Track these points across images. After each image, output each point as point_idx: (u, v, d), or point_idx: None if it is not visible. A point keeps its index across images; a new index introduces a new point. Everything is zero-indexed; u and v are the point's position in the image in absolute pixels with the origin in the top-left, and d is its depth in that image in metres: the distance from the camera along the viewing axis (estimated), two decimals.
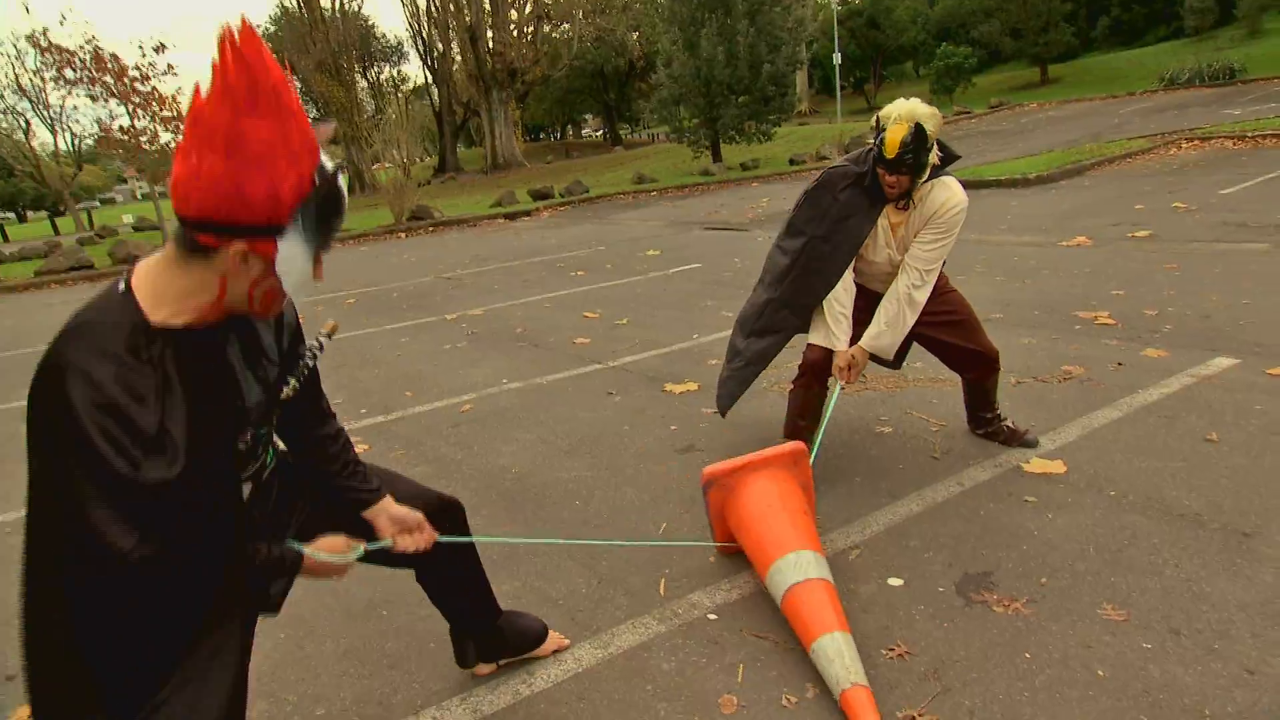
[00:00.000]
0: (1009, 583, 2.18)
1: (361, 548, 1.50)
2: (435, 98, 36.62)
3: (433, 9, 31.50)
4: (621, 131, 45.50)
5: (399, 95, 39.50)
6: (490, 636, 1.93)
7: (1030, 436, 3.04)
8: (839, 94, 27.64)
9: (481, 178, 29.89)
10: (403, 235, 15.40)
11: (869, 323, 2.76)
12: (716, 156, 18.76)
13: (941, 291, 2.84)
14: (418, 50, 33.72)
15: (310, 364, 1.47)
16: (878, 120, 2.53)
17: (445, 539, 1.68)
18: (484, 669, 1.98)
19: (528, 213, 16.65)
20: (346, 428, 3.95)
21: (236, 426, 1.29)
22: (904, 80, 45.79)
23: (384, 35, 38.32)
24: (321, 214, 1.14)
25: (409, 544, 1.59)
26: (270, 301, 1.21)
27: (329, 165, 1.15)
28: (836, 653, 1.77)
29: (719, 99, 16.73)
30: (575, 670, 1.99)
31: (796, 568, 1.98)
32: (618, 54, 32.20)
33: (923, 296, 2.69)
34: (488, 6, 29.03)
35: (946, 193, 2.63)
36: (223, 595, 1.30)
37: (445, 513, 1.72)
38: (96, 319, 1.13)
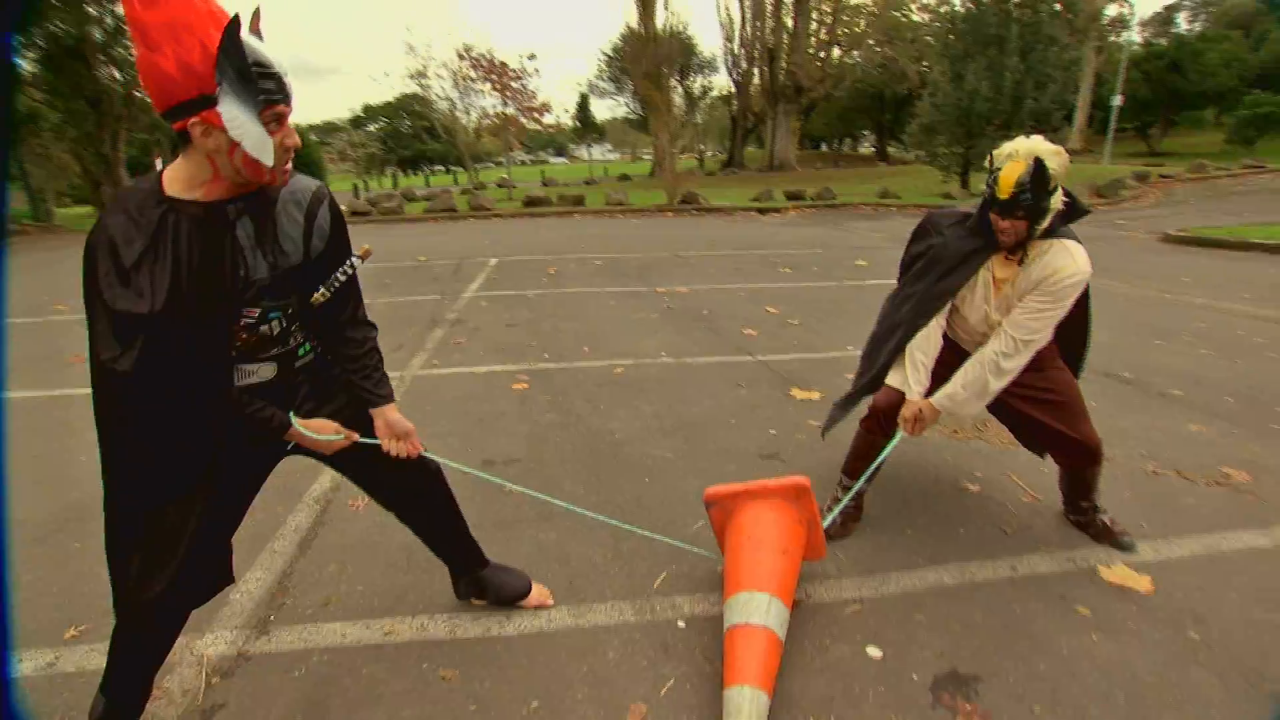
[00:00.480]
0: (994, 698, 1.63)
1: (354, 437, 1.49)
2: (734, 105, 36.32)
3: (745, 33, 30.98)
4: (891, 150, 41.76)
5: (705, 102, 39.87)
6: (473, 582, 1.87)
7: (1126, 538, 2.25)
8: (1110, 135, 22.47)
9: (756, 175, 29.29)
10: (670, 214, 15.67)
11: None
12: (965, 183, 16.43)
13: (1043, 366, 2.16)
14: (726, 66, 33.50)
15: (342, 279, 1.42)
16: (992, 159, 1.94)
17: (429, 455, 1.64)
18: (477, 601, 1.94)
19: (777, 210, 16.01)
20: (527, 368, 3.99)
21: (235, 293, 1.26)
22: (1198, 127, 36.09)
23: (701, 52, 38.51)
24: (240, 71, 1.09)
25: (398, 449, 1.54)
26: (253, 167, 1.17)
27: (238, 29, 1.08)
28: (738, 708, 1.44)
29: (976, 130, 14.50)
30: (541, 629, 1.86)
31: (745, 608, 1.64)
32: (898, 81, 29.26)
33: (1013, 366, 2.06)
34: (787, 35, 27.84)
35: (1065, 258, 1.95)
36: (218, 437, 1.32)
37: (425, 463, 1.65)
38: (129, 188, 1.20)
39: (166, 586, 1.32)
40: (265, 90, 1.12)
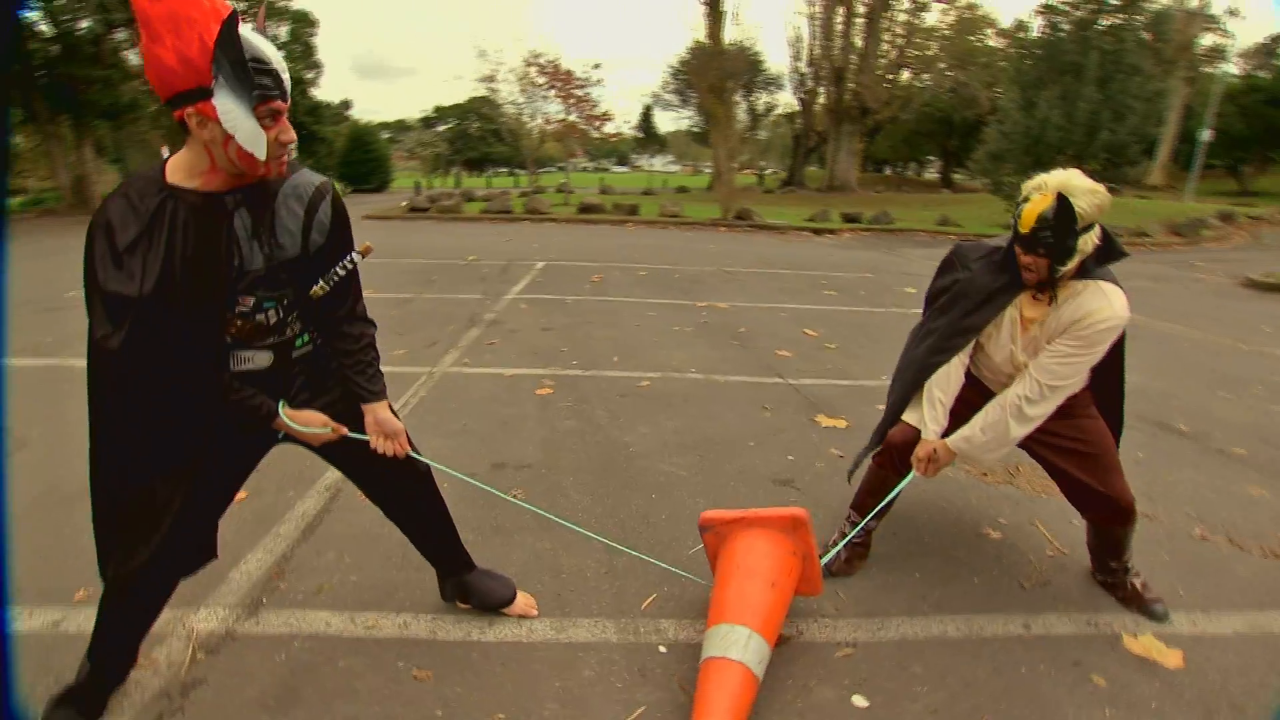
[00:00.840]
0: None
1: (343, 431, 1.50)
2: (798, 123, 35.99)
3: (813, 51, 30.67)
4: (958, 177, 40.55)
5: (769, 119, 39.59)
6: (458, 585, 1.87)
7: (1157, 606, 2.07)
8: (1195, 171, 21.13)
9: (815, 194, 28.90)
10: (723, 229, 15.55)
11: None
12: None
13: (1073, 413, 2.02)
14: (792, 83, 33.25)
15: (341, 274, 1.43)
16: (1022, 191, 1.84)
17: (416, 456, 1.63)
18: (462, 604, 1.93)
19: (832, 231, 15.70)
20: (554, 374, 4.00)
21: (229, 281, 1.28)
22: None
23: (768, 69, 38.29)
24: (235, 65, 1.11)
25: (385, 447, 1.55)
26: (246, 159, 1.19)
27: (241, 26, 1.11)
28: None
29: (1045, 160, 13.91)
30: (522, 639, 1.84)
31: (724, 641, 1.58)
32: (967, 106, 28.42)
33: (1037, 413, 1.93)
34: (856, 56, 27.44)
35: (1100, 301, 1.81)
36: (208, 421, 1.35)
37: (415, 464, 1.66)
38: (135, 175, 1.25)
39: (148, 560, 1.35)
40: (261, 86, 1.15)
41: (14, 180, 22.83)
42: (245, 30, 1.13)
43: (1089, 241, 1.73)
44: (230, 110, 1.13)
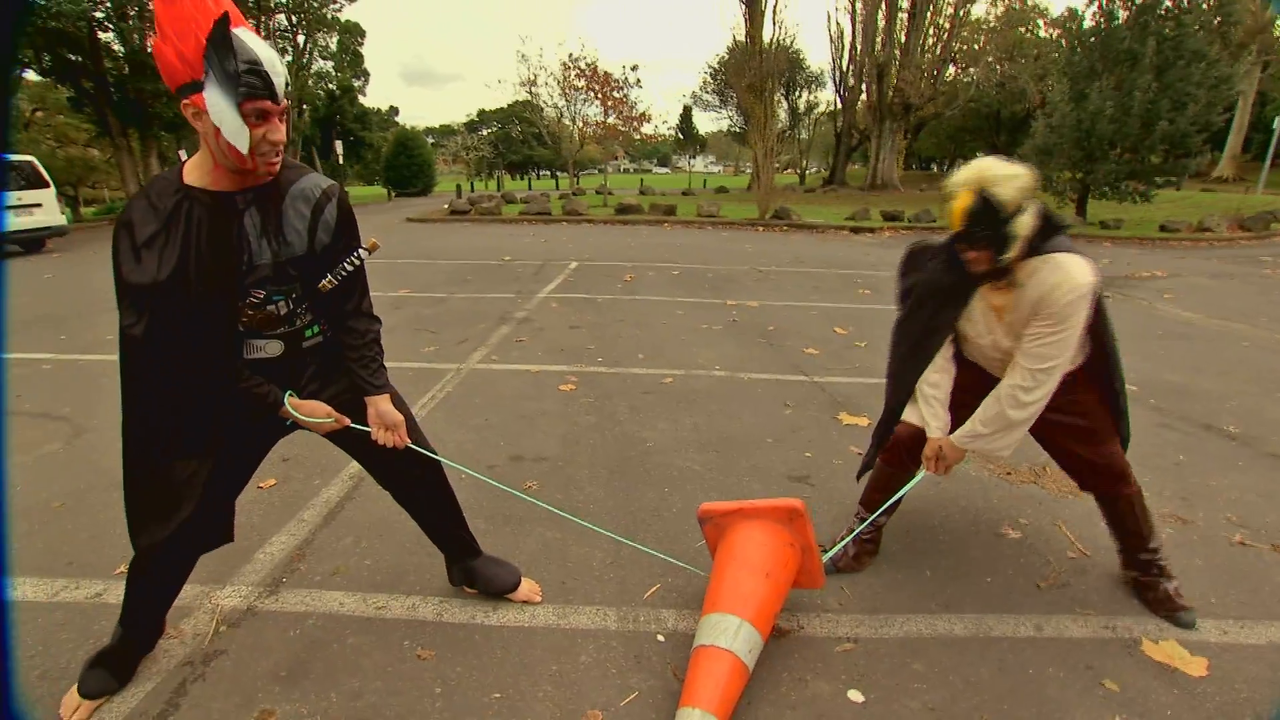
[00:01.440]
0: None
1: (345, 422, 1.56)
2: (839, 122, 35.40)
3: (856, 48, 30.10)
4: None
5: (810, 117, 39.04)
6: (465, 571, 1.92)
7: (1184, 614, 1.99)
8: (1268, 162, 19.84)
9: (856, 193, 28.37)
10: (760, 229, 15.42)
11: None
12: (1081, 210, 15.03)
13: (1067, 388, 1.95)
14: (833, 81, 32.73)
15: (348, 269, 1.48)
16: (946, 188, 1.80)
17: (415, 448, 1.68)
18: (469, 589, 1.98)
19: (872, 230, 15.39)
20: (579, 370, 4.07)
21: (240, 275, 1.35)
22: None
23: (809, 67, 37.76)
24: (224, 62, 1.18)
25: (385, 438, 1.61)
26: (234, 153, 1.26)
27: (227, 26, 1.18)
28: None
29: (1097, 154, 13.24)
30: (524, 624, 1.88)
31: (714, 630, 1.59)
32: (1015, 100, 27.42)
33: (1033, 399, 1.85)
34: (898, 51, 26.79)
35: (1058, 275, 1.73)
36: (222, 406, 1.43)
37: (420, 456, 1.71)
38: (155, 178, 1.35)
39: (167, 537, 1.44)
40: (249, 85, 1.21)
41: (90, 191, 24.27)
42: (240, 32, 1.20)
43: (1024, 225, 1.68)
44: (217, 104, 1.20)
